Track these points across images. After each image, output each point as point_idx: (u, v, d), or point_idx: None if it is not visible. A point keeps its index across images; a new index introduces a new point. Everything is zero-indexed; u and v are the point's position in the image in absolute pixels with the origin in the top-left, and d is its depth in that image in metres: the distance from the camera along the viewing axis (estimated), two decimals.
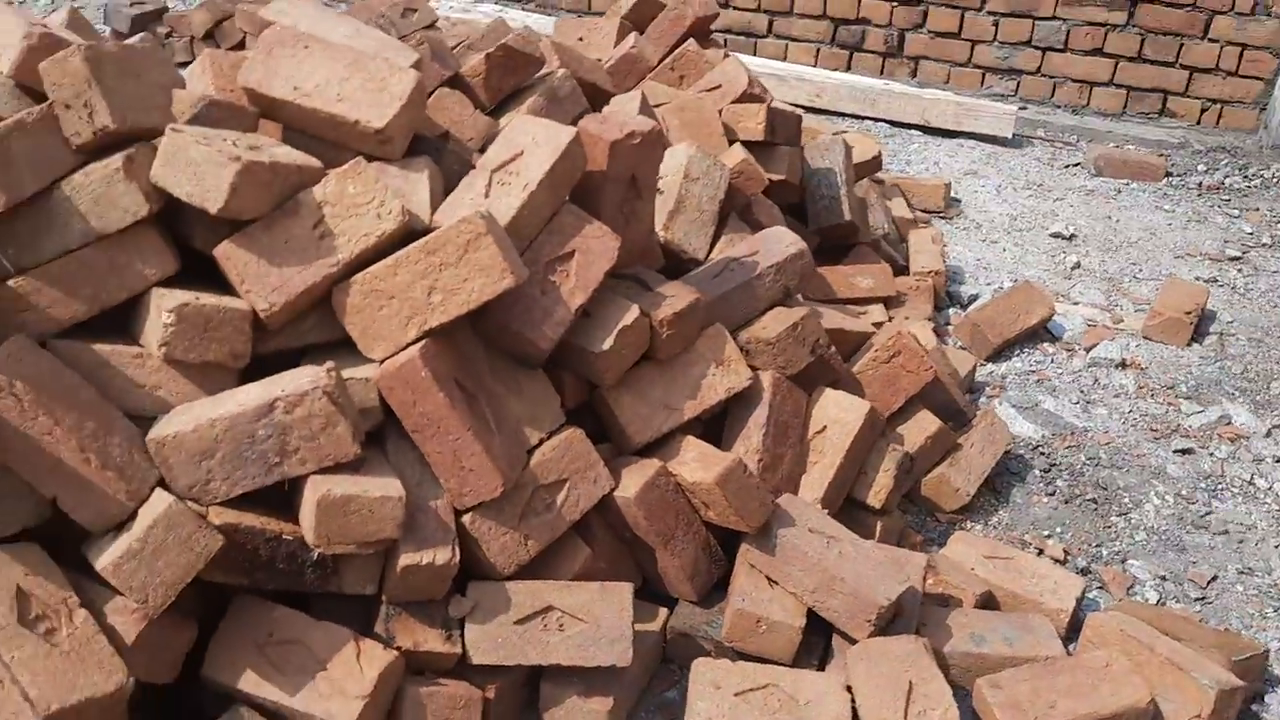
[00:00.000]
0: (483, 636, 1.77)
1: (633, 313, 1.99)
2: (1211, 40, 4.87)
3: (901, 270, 3.59)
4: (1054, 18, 5.06)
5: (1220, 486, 2.76)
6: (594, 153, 2.05)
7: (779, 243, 2.41)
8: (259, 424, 1.62)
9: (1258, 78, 4.88)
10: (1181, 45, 4.92)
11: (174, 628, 1.59)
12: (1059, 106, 5.24)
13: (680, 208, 2.53)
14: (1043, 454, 2.84)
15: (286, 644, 1.65)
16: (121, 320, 1.77)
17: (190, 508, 1.59)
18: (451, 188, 1.97)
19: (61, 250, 1.68)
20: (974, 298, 3.61)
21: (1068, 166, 4.76)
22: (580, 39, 3.75)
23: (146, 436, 1.62)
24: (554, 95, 2.50)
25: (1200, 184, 4.60)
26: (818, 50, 5.56)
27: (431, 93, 2.49)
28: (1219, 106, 5.01)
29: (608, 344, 1.94)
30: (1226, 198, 4.47)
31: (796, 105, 5.26)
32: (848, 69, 5.55)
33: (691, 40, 3.35)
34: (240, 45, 4.48)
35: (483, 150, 2.29)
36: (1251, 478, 2.80)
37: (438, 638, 1.75)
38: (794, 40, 5.59)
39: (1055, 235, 4.08)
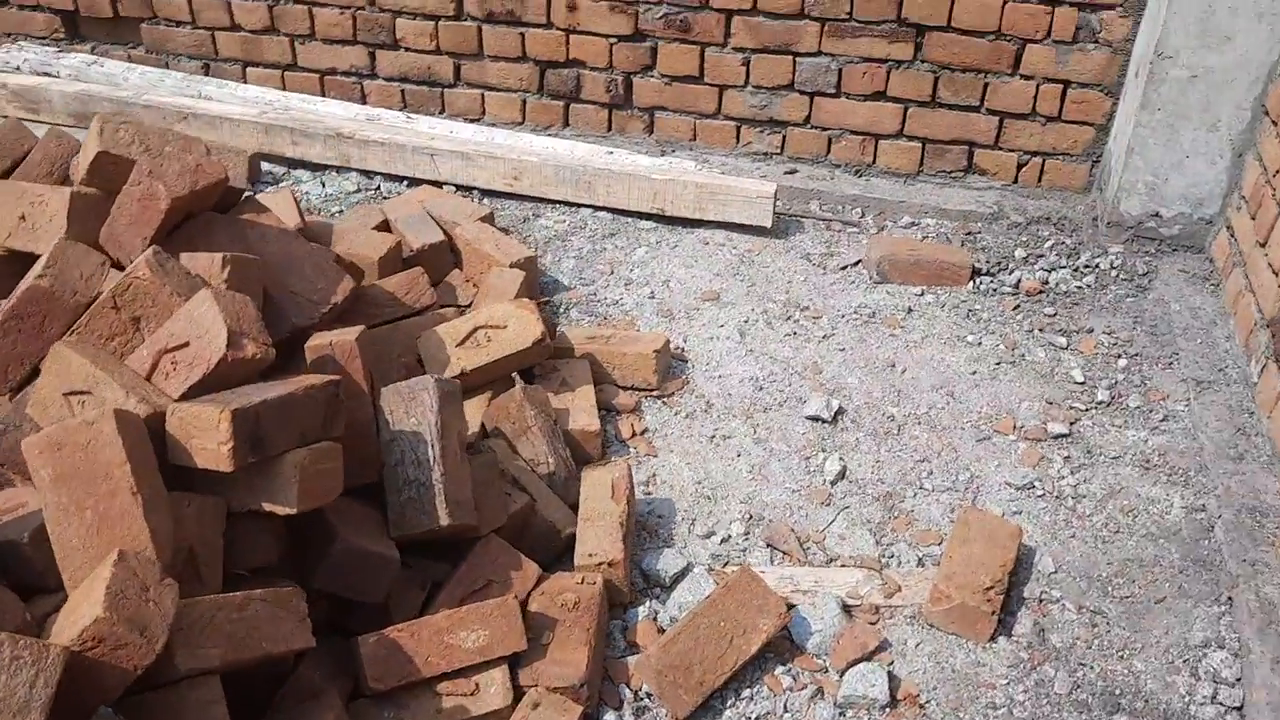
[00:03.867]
0: None
1: None
2: (1025, 77, 3.77)
3: (568, 545, 2.42)
4: (819, 53, 3.87)
5: None
6: None
7: None
8: None
9: (1086, 123, 3.80)
10: (987, 85, 3.80)
11: None
12: (838, 166, 4.09)
13: None
14: None
15: None
16: None
17: None
18: None
19: None
20: (680, 576, 2.46)
21: (845, 269, 3.62)
22: (22, 218, 2.39)
23: None
24: None
25: (1018, 283, 3.53)
26: (524, 102, 4.27)
27: None
28: (1039, 160, 3.92)
29: None
30: (1051, 312, 3.40)
31: (490, 191, 3.94)
32: (565, 125, 4.27)
33: (150, 254, 2.03)
34: None
35: None
36: None
37: None
38: (491, 89, 4.27)
39: (813, 419, 2.94)
